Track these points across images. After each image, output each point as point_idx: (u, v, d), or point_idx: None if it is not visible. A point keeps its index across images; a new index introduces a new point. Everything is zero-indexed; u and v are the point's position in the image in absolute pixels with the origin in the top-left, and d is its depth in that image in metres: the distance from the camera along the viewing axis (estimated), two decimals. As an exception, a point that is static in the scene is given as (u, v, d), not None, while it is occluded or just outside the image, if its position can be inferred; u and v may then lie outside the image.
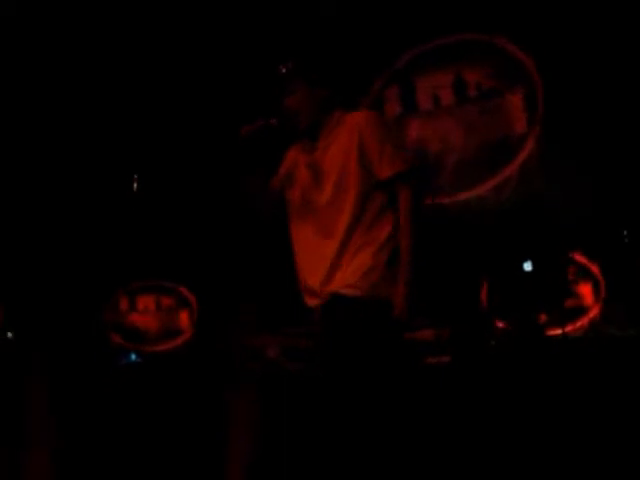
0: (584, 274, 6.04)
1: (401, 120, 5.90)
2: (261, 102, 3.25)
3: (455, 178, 5.76)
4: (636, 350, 5.09)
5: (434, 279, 6.16)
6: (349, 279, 2.95)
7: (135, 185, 6.35)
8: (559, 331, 5.82)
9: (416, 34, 5.64)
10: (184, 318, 7.54)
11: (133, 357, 7.38)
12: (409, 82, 5.78)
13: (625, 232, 5.70)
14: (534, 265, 5.95)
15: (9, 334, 7.56)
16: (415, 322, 6.05)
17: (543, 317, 5.93)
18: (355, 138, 3.03)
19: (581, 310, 6.01)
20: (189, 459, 6.27)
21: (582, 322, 5.96)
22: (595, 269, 6.00)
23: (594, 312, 5.99)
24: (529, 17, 5.36)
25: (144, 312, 7.63)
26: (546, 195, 5.64)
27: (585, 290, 6.05)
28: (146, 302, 7.67)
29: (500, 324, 6.17)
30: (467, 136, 5.65)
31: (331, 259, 2.98)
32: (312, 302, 3.08)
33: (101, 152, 6.51)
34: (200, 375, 6.62)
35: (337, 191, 3.02)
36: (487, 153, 5.61)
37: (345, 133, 3.08)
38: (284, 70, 3.16)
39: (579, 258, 6.01)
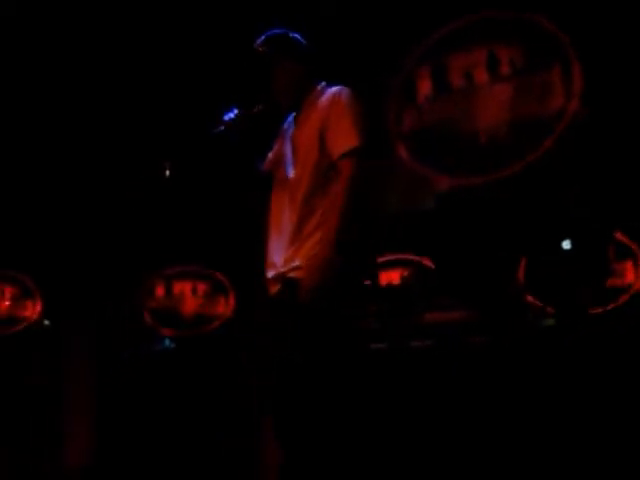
0: (625, 252, 5.96)
1: (433, 99, 5.81)
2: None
3: (490, 157, 5.66)
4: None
5: (471, 259, 6.13)
6: (298, 261, 2.94)
7: (168, 172, 6.32)
8: (601, 309, 5.77)
9: (448, 12, 5.55)
10: (220, 303, 7.54)
11: (167, 343, 7.40)
12: (441, 61, 5.69)
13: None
14: (574, 244, 5.89)
15: (46, 321, 7.64)
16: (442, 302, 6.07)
17: (584, 295, 5.87)
18: (320, 117, 3.02)
19: (623, 288, 5.94)
20: (223, 444, 6.30)
21: (624, 300, 5.88)
22: (635, 247, 5.93)
23: (635, 289, 5.91)
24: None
25: (180, 297, 7.65)
26: (585, 173, 5.55)
27: (626, 268, 5.97)
28: (182, 287, 7.68)
29: (537, 302, 6.11)
30: (501, 114, 5.55)
31: (290, 237, 2.99)
32: (270, 274, 3.07)
33: (135, 141, 6.51)
34: (234, 360, 6.63)
35: (302, 170, 3.02)
36: (523, 130, 5.50)
37: (317, 111, 3.06)
38: (262, 49, 3.15)
39: (619, 237, 5.93)
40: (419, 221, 6.21)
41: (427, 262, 6.51)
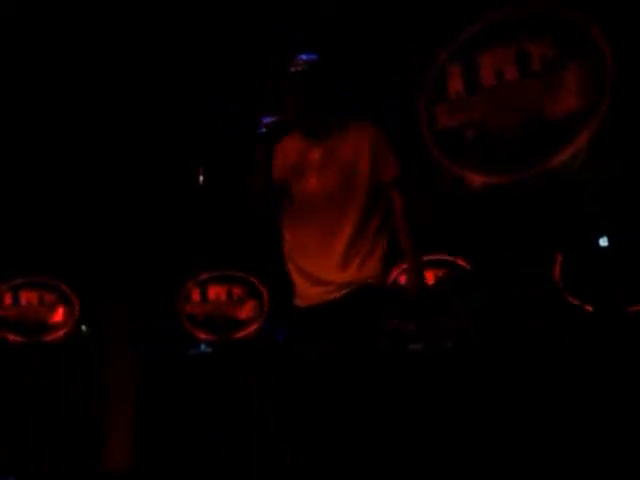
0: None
1: (464, 96, 5.78)
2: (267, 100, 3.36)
3: (522, 154, 5.62)
4: None
5: (506, 256, 6.10)
6: (370, 270, 3.26)
7: (201, 177, 6.36)
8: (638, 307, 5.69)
9: (478, 7, 5.52)
10: (253, 307, 7.56)
11: (203, 347, 7.44)
12: (472, 58, 5.65)
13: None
14: (610, 240, 5.83)
15: (83, 327, 7.71)
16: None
17: (621, 293, 5.80)
18: (367, 144, 3.34)
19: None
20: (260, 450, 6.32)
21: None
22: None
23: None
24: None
25: (215, 302, 7.68)
26: (619, 167, 5.48)
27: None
28: (217, 292, 7.71)
29: (575, 300, 6.05)
30: (533, 110, 5.50)
31: (348, 244, 3.26)
32: (325, 295, 3.23)
33: (166, 148, 6.54)
34: (268, 364, 6.64)
35: (346, 189, 3.30)
36: (554, 126, 5.45)
37: (355, 136, 3.36)
38: (295, 69, 3.36)
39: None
40: (453, 221, 6.19)
41: (462, 262, 6.47)
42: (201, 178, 6.54)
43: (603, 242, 5.86)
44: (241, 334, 7.47)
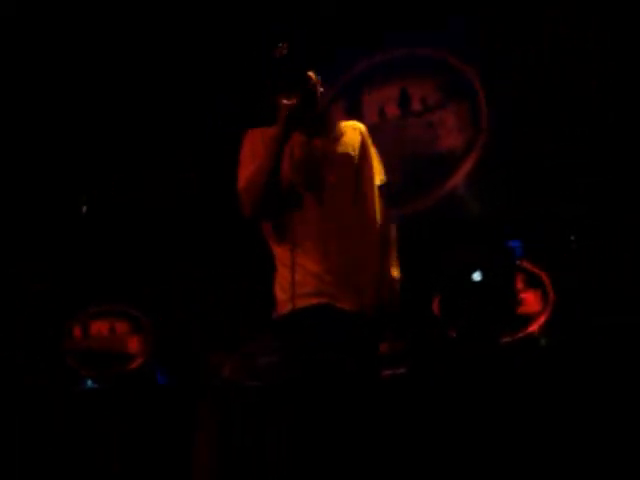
0: (533, 282, 6.13)
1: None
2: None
3: (401, 192, 5.82)
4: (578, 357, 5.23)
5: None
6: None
7: (84, 207, 6.31)
8: (510, 339, 5.89)
9: (363, 47, 5.72)
10: (138, 343, 7.47)
11: (89, 383, 7.30)
12: (356, 96, 5.87)
13: (572, 238, 5.81)
14: (483, 275, 6.04)
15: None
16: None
17: (494, 326, 5.99)
18: (358, 142, 3.42)
19: (531, 317, 6.08)
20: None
21: (532, 329, 6.03)
22: (544, 276, 6.09)
23: (543, 319, 6.05)
24: (473, 31, 5.49)
25: (97, 338, 7.55)
26: (492, 205, 5.73)
27: (534, 298, 6.13)
28: (99, 327, 7.59)
29: (453, 334, 6.21)
30: (411, 149, 5.74)
31: (345, 251, 3.25)
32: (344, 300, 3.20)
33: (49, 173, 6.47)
34: (155, 401, 6.58)
35: (341, 184, 3.31)
36: (431, 165, 5.70)
37: (350, 134, 3.45)
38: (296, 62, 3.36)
39: (527, 266, 6.09)
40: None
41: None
42: (84, 208, 6.49)
43: (477, 277, 6.08)
44: (125, 368, 7.36)
